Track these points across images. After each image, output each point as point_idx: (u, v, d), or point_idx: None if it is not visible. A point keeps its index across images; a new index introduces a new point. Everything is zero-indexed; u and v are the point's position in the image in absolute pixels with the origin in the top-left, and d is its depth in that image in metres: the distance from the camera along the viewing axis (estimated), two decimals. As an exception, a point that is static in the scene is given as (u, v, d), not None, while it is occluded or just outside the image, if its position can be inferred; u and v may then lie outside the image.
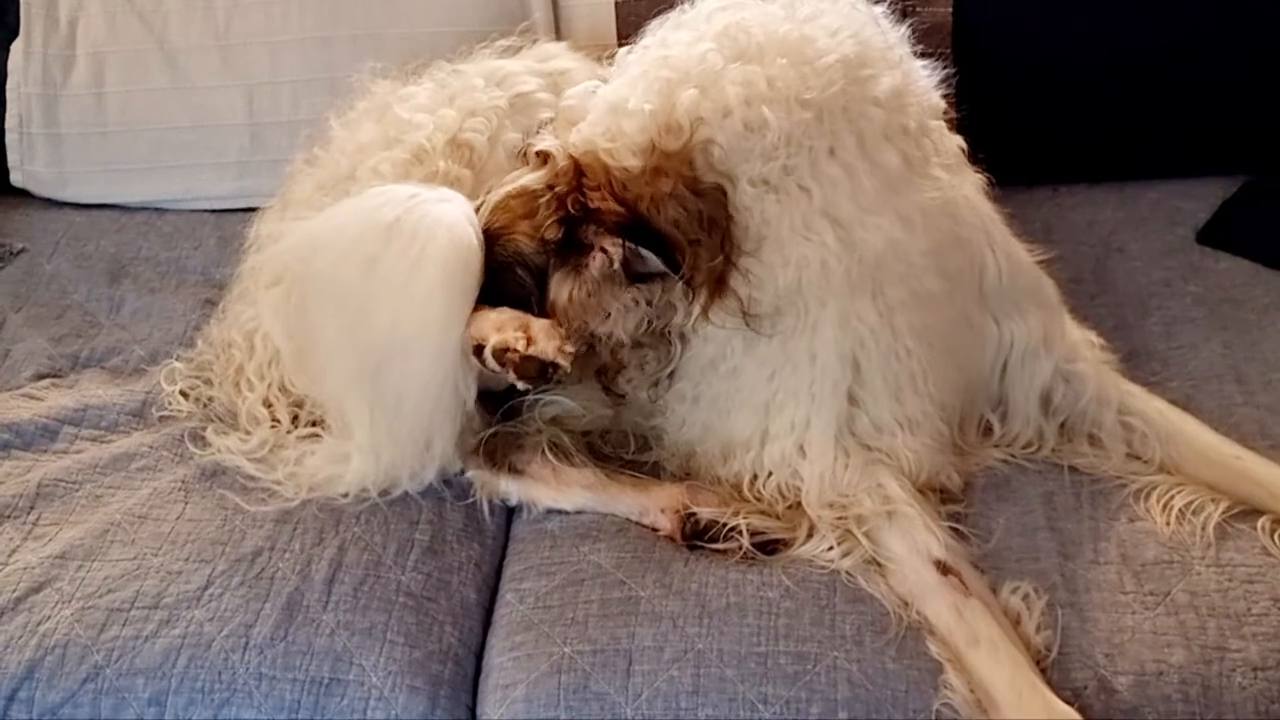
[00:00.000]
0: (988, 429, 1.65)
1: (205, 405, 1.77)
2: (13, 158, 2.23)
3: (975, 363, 1.61)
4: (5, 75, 2.22)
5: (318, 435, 1.65)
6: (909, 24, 1.57)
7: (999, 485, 1.59)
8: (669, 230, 1.42)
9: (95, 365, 1.88)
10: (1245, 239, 1.97)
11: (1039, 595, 1.43)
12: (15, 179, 2.25)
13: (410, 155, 1.68)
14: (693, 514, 1.53)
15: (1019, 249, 1.64)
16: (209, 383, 1.78)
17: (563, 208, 1.47)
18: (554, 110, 1.62)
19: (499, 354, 1.47)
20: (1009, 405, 1.64)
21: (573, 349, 1.48)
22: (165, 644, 1.44)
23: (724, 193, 1.43)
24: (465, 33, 1.98)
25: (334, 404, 1.62)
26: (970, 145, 1.59)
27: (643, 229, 1.43)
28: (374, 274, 1.48)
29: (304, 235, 1.61)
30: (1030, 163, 2.07)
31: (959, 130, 1.60)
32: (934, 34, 1.97)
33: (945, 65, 1.59)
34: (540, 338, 1.46)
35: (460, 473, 1.63)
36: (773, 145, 1.40)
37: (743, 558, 1.49)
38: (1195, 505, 1.52)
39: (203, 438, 1.71)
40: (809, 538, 1.50)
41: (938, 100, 1.56)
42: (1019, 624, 1.42)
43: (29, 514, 1.61)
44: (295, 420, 1.69)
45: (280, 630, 1.45)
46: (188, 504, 1.62)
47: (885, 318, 1.49)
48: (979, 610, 1.40)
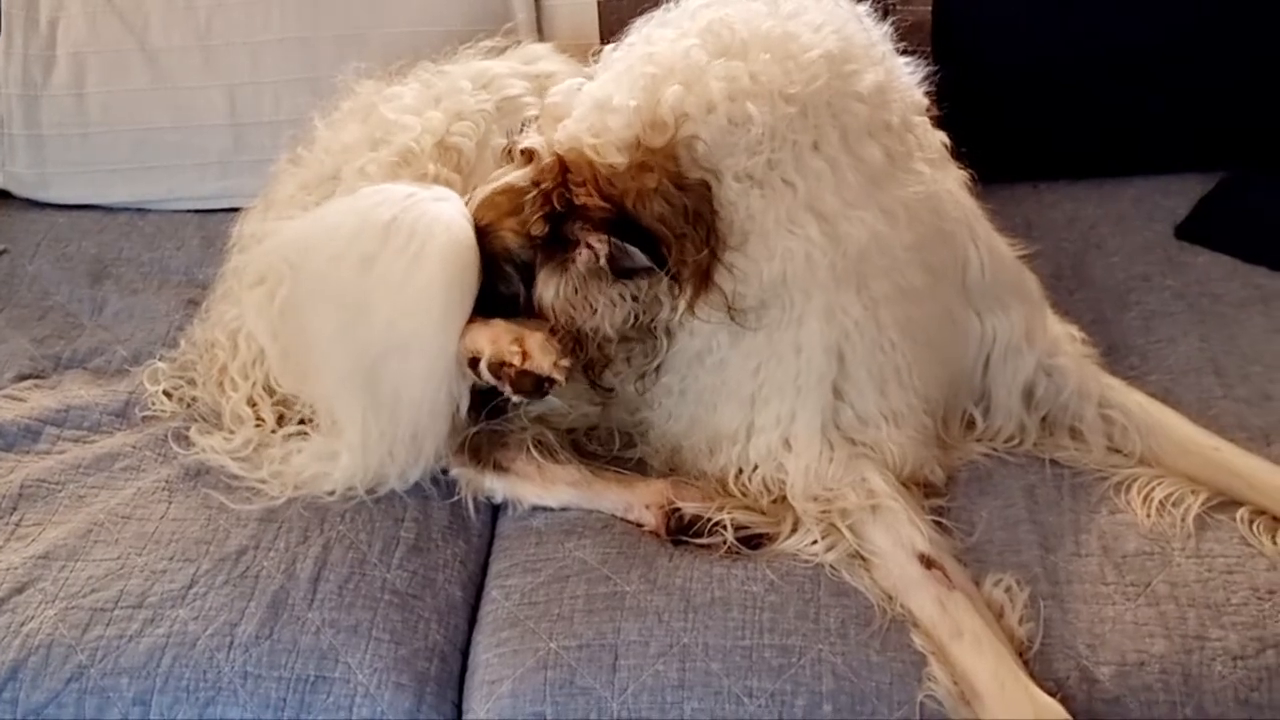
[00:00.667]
0: (970, 423, 1.65)
1: (189, 405, 1.76)
2: (-7, 159, 2.22)
3: (958, 357, 1.62)
4: (-15, 76, 2.21)
5: (304, 434, 1.65)
6: (890, 22, 1.57)
7: (981, 479, 1.60)
8: (654, 225, 1.42)
9: (78, 366, 1.88)
10: (1223, 234, 1.99)
11: (1021, 588, 1.44)
12: (-4, 180, 2.24)
13: (398, 157, 1.68)
14: (677, 509, 1.53)
15: (1001, 244, 1.65)
16: (192, 383, 1.78)
17: (548, 204, 1.47)
18: (540, 112, 1.62)
19: (495, 368, 1.47)
20: (991, 399, 1.65)
21: (568, 363, 1.48)
22: (150, 643, 1.44)
23: (709, 188, 1.43)
24: (448, 33, 1.99)
25: (324, 402, 1.61)
26: (951, 142, 1.60)
27: (628, 224, 1.43)
28: (371, 272, 1.48)
29: (293, 235, 1.61)
30: (1010, 160, 2.07)
31: (940, 128, 1.60)
32: (914, 32, 1.97)
33: (926, 63, 1.59)
34: (536, 353, 1.46)
35: (445, 471, 1.63)
36: (757, 140, 1.41)
37: (727, 552, 1.50)
38: (1175, 497, 1.53)
39: (186, 437, 1.70)
40: (793, 532, 1.50)
41: (920, 97, 1.56)
42: (1002, 617, 1.42)
43: (11, 515, 1.61)
44: (280, 420, 1.68)
45: (265, 628, 1.45)
46: (171, 503, 1.61)
47: (870, 311, 1.49)
48: (962, 603, 1.41)
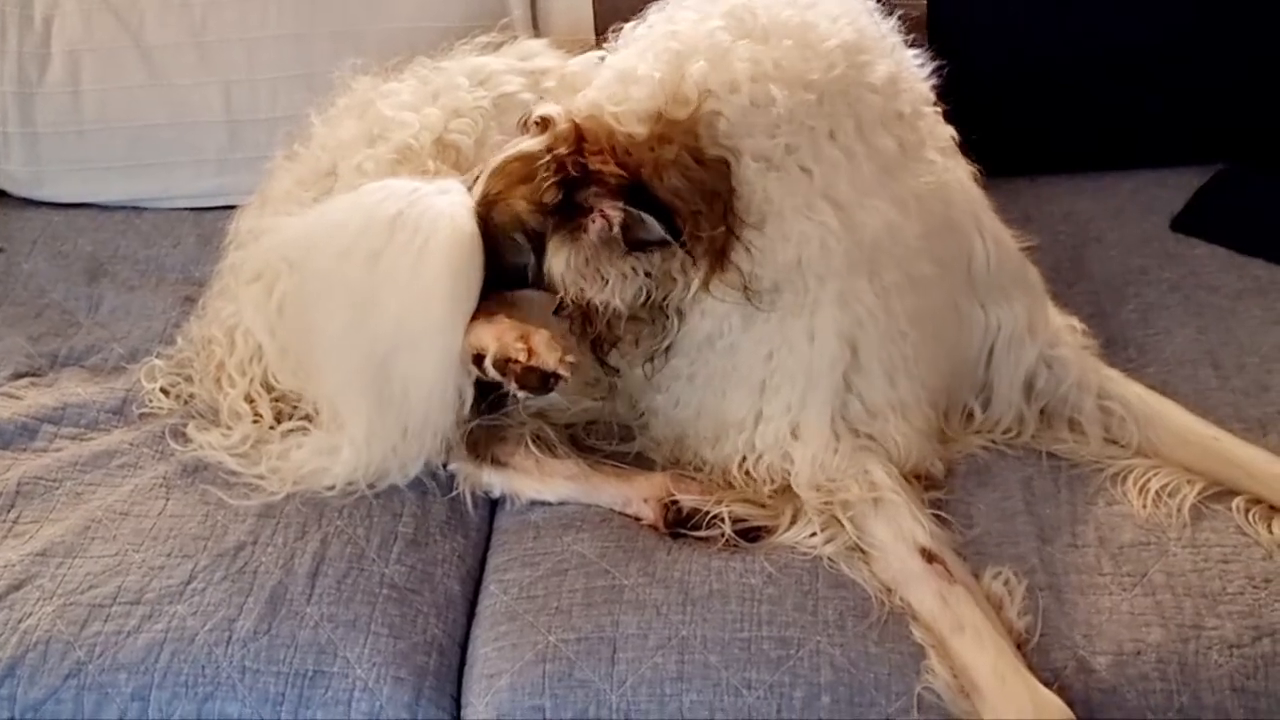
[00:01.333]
0: (969, 415, 1.65)
1: (186, 402, 1.76)
2: (-12, 157, 2.22)
3: (963, 348, 1.62)
4: (-20, 74, 2.20)
5: (304, 429, 1.65)
6: (898, 16, 1.58)
7: (979, 471, 1.60)
8: (669, 198, 1.40)
9: (74, 364, 1.87)
10: (1219, 226, 1.99)
11: (1019, 580, 1.44)
12: (-9, 179, 2.24)
13: (396, 154, 1.67)
14: (675, 502, 1.53)
15: (1006, 235, 1.65)
16: (189, 379, 1.77)
17: (562, 170, 1.44)
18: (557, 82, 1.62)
19: (500, 364, 1.46)
20: (993, 391, 1.65)
21: (575, 359, 1.47)
22: (148, 639, 1.44)
23: (727, 165, 1.42)
24: (444, 29, 1.99)
25: (327, 397, 1.61)
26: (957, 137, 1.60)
27: (644, 194, 1.41)
28: (378, 268, 1.48)
29: (295, 232, 1.61)
30: (1008, 154, 2.05)
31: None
32: (913, 29, 1.97)
33: (928, 58, 1.60)
34: (542, 349, 1.45)
35: (444, 465, 1.63)
36: (775, 124, 1.41)
37: (725, 545, 1.49)
38: (1171, 487, 1.53)
39: (184, 434, 1.70)
40: (792, 524, 1.50)
41: (928, 89, 1.57)
42: (1001, 609, 1.42)
43: (9, 512, 1.60)
44: (278, 416, 1.68)
45: (264, 623, 1.45)
46: (169, 500, 1.61)
47: (882, 300, 1.48)
48: (963, 597, 1.40)
